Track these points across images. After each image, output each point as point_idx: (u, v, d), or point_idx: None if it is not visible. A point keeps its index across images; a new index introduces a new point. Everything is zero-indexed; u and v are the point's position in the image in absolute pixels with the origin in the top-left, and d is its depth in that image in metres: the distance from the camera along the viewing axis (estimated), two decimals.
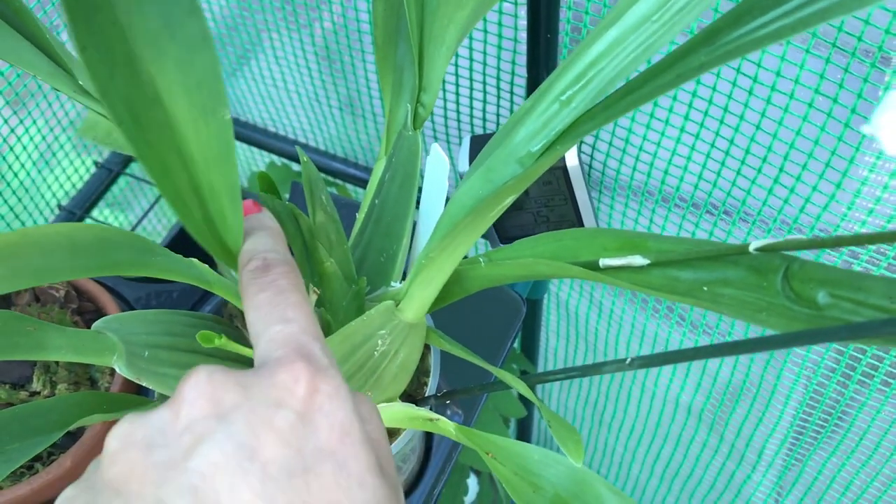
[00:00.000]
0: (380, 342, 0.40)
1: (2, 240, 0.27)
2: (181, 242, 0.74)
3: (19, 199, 0.79)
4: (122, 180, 0.88)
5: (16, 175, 0.78)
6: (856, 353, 0.60)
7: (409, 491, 0.59)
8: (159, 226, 1.03)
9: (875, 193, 0.47)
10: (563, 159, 0.62)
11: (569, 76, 0.34)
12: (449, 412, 0.61)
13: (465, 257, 0.40)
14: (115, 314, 0.41)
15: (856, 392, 0.62)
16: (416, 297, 0.38)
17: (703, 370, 0.76)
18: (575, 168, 0.62)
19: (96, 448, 0.48)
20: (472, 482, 1.05)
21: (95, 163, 0.87)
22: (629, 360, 0.33)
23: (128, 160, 0.87)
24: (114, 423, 0.40)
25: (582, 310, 0.85)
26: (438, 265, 0.37)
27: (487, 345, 0.63)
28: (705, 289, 0.33)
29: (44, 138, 0.80)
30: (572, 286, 0.84)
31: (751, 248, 0.30)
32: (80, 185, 0.86)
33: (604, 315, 0.82)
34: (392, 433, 0.50)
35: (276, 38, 0.80)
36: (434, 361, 0.50)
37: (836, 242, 0.28)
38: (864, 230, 0.52)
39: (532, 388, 0.38)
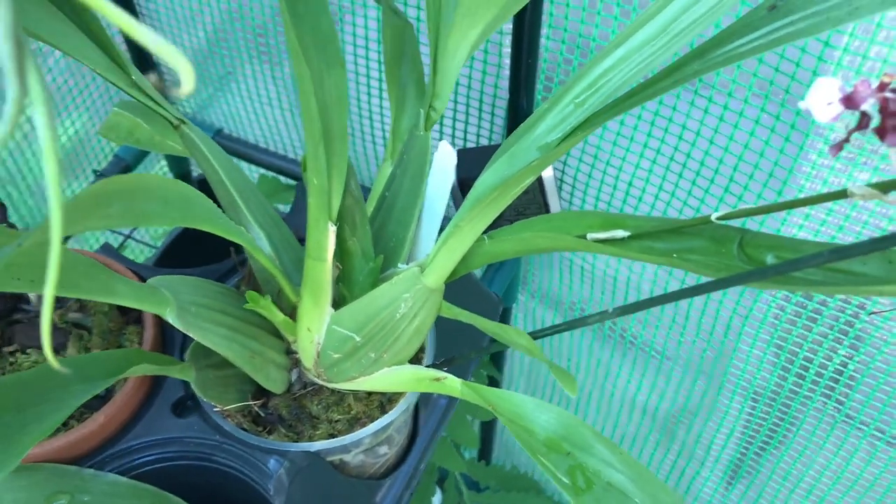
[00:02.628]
0: (403, 305, 0.47)
1: (120, 181, 0.33)
2: (176, 251, 0.79)
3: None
4: None
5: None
6: (808, 354, 0.68)
7: (396, 465, 0.65)
8: (147, 236, 1.08)
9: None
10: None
11: (582, 84, 0.42)
12: (435, 394, 0.68)
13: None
14: (164, 275, 0.47)
15: (806, 397, 0.70)
16: (440, 265, 0.45)
17: (657, 371, 0.84)
18: (549, 179, 0.70)
19: (126, 406, 0.53)
20: (437, 498, 1.10)
21: (94, 171, 0.92)
22: (611, 309, 0.40)
23: (126, 168, 0.92)
24: (149, 379, 0.45)
25: (548, 320, 0.93)
26: (464, 234, 0.44)
27: (468, 337, 0.70)
28: (675, 256, 0.41)
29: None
30: (538, 299, 0.92)
31: (713, 218, 0.38)
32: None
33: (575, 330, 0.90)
34: (393, 399, 0.56)
35: (250, 70, 0.87)
36: (430, 334, 0.56)
37: (778, 207, 0.36)
38: (801, 234, 0.60)
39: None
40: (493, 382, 1.01)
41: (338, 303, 0.51)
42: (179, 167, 1.00)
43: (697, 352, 0.77)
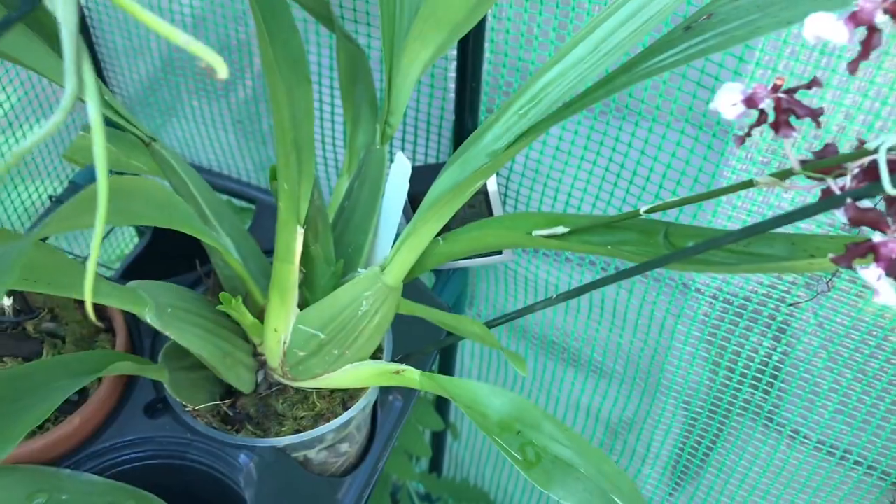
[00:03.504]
0: (364, 303, 0.51)
1: (120, 182, 0.36)
2: (139, 268, 0.82)
3: None
4: None
5: None
6: (736, 348, 0.74)
7: (356, 465, 0.68)
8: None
9: (732, 201, 0.62)
10: (485, 185, 0.75)
11: (525, 97, 0.47)
12: (391, 397, 0.71)
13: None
14: (142, 281, 0.50)
15: (744, 403, 0.76)
16: (398, 264, 0.49)
17: (599, 374, 0.89)
18: (494, 193, 0.75)
19: (101, 409, 0.56)
20: None
21: (51, 197, 0.94)
22: (554, 296, 0.45)
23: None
24: (121, 384, 0.48)
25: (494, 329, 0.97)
26: (421, 234, 0.48)
27: (423, 335, 0.74)
28: (610, 247, 0.46)
29: None
30: (487, 310, 0.96)
31: (641, 211, 0.43)
32: (34, 217, 0.93)
33: (520, 342, 0.95)
34: (354, 396, 0.60)
35: (204, 96, 0.91)
36: (388, 333, 0.60)
37: (695, 199, 0.41)
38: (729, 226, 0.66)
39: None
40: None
41: (301, 306, 0.54)
42: None
43: (635, 352, 0.83)
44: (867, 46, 0.31)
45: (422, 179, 0.66)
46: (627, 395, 0.88)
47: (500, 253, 0.78)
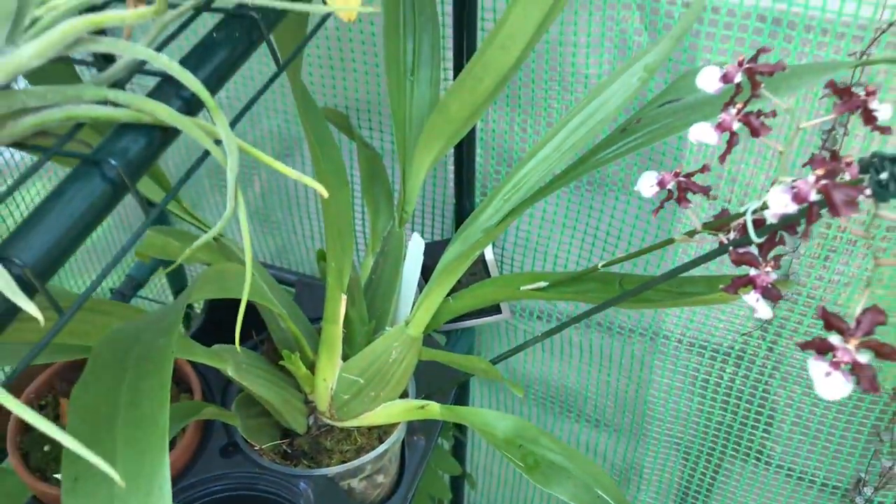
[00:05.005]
0: (394, 352, 0.65)
1: (216, 269, 0.51)
2: (203, 332, 0.96)
3: None
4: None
5: None
6: (704, 376, 0.88)
7: (389, 496, 0.81)
8: None
9: (687, 251, 0.77)
10: (483, 254, 0.89)
11: (508, 186, 0.62)
12: (415, 437, 0.84)
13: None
14: (221, 345, 0.64)
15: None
16: (419, 319, 0.64)
17: (594, 408, 1.02)
18: (491, 260, 0.90)
19: (185, 452, 0.69)
20: None
21: (111, 290, 1.09)
22: (542, 333, 0.59)
23: (139, 285, 1.09)
24: (200, 432, 0.62)
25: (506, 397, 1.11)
26: (435, 295, 0.62)
27: (438, 384, 0.88)
28: (577, 294, 0.60)
29: None
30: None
31: (599, 266, 0.58)
32: None
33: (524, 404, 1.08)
34: (388, 432, 0.73)
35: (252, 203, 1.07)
36: (411, 379, 0.74)
37: (637, 254, 0.55)
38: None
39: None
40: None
41: (343, 358, 0.69)
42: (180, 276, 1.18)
43: (622, 388, 0.96)
44: (730, 144, 0.46)
45: (431, 253, 0.81)
46: (619, 429, 1.01)
47: (499, 312, 0.92)
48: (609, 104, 0.62)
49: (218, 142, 0.35)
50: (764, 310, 0.46)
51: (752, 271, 0.46)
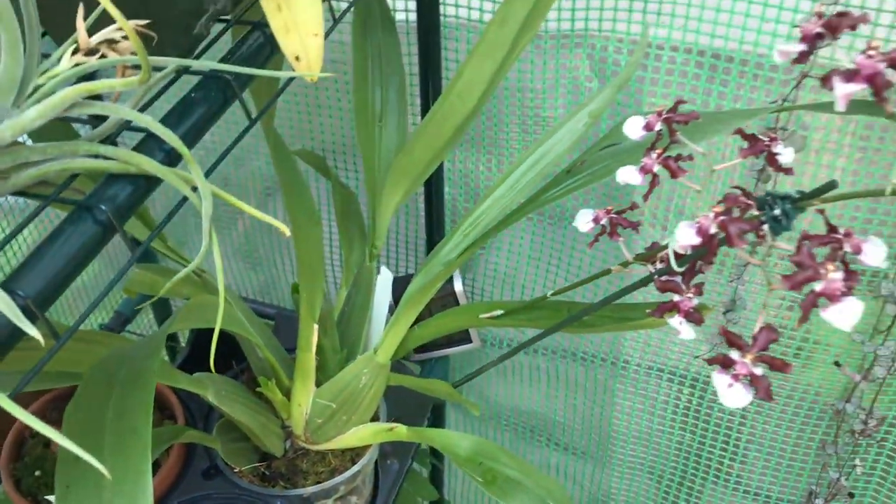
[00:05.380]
0: (363, 378, 0.70)
1: (198, 301, 0.56)
2: (188, 362, 1.01)
3: None
4: None
5: None
6: (663, 398, 0.93)
7: None
8: None
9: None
10: (452, 286, 0.95)
11: (467, 223, 0.67)
12: (389, 461, 0.89)
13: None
14: (202, 372, 0.69)
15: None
16: (386, 346, 0.69)
17: (563, 432, 1.07)
18: (461, 291, 0.95)
19: (169, 475, 0.74)
20: None
21: (101, 325, 1.14)
22: (500, 356, 0.64)
23: (126, 320, 1.14)
24: (183, 456, 0.66)
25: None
26: (401, 324, 0.68)
27: (408, 408, 0.93)
28: (530, 321, 0.65)
29: None
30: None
31: (548, 295, 0.63)
32: None
33: (496, 431, 1.13)
34: (360, 454, 0.78)
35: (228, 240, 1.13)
36: (382, 404, 0.79)
37: (581, 283, 0.61)
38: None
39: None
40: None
41: (317, 384, 0.73)
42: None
43: (588, 411, 1.01)
44: (652, 185, 0.51)
45: (403, 285, 0.86)
46: (586, 449, 1.05)
47: (470, 341, 0.97)
48: (557, 147, 0.68)
49: (195, 188, 0.41)
50: (687, 332, 0.51)
51: (676, 297, 0.52)
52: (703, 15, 0.74)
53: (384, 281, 0.75)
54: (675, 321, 0.51)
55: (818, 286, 0.39)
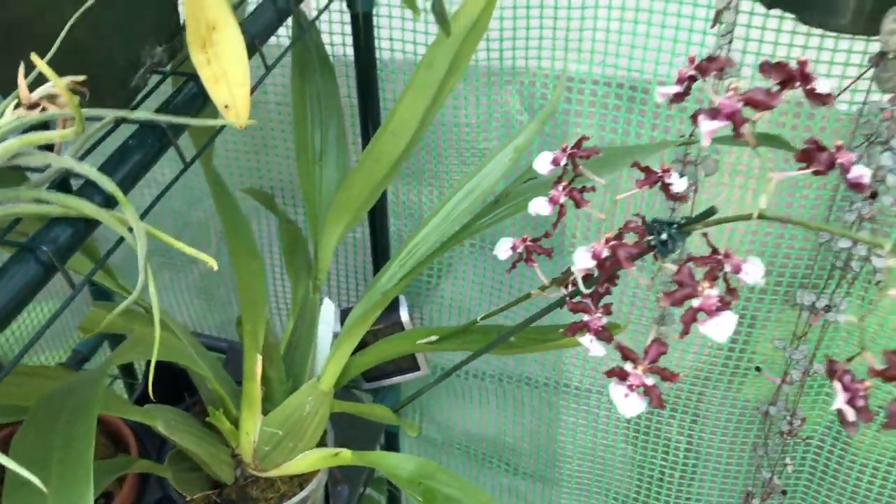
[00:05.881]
0: (308, 406, 0.73)
1: (143, 334, 0.59)
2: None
3: None
4: None
5: None
6: (605, 413, 0.97)
7: None
8: None
9: None
10: (399, 316, 0.99)
11: (404, 252, 0.71)
12: (339, 487, 0.92)
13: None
14: (153, 404, 0.72)
15: None
16: (328, 375, 0.72)
17: (510, 451, 1.10)
18: (407, 321, 0.99)
19: (127, 500, 0.76)
20: None
21: (60, 364, 1.15)
22: (434, 379, 0.68)
23: (84, 359, 1.16)
24: (137, 486, 0.69)
25: (428, 428, 1.19)
26: (341, 353, 0.71)
27: (355, 434, 0.96)
28: (462, 344, 0.69)
29: None
30: (425, 417, 1.18)
31: (478, 319, 0.67)
32: None
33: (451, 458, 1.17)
34: (308, 479, 0.81)
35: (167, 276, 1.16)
36: (330, 430, 0.82)
37: (507, 307, 0.65)
38: None
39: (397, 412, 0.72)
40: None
41: (265, 413, 0.76)
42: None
43: (535, 429, 1.05)
44: (560, 214, 0.56)
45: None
46: (534, 467, 1.09)
47: (418, 369, 1.01)
48: (487, 179, 0.72)
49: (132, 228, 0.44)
50: (597, 349, 0.55)
51: (586, 317, 0.56)
52: (620, 50, 0.79)
53: (327, 312, 0.79)
54: (586, 340, 0.55)
55: (696, 302, 0.43)
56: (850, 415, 0.41)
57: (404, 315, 0.98)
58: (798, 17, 0.60)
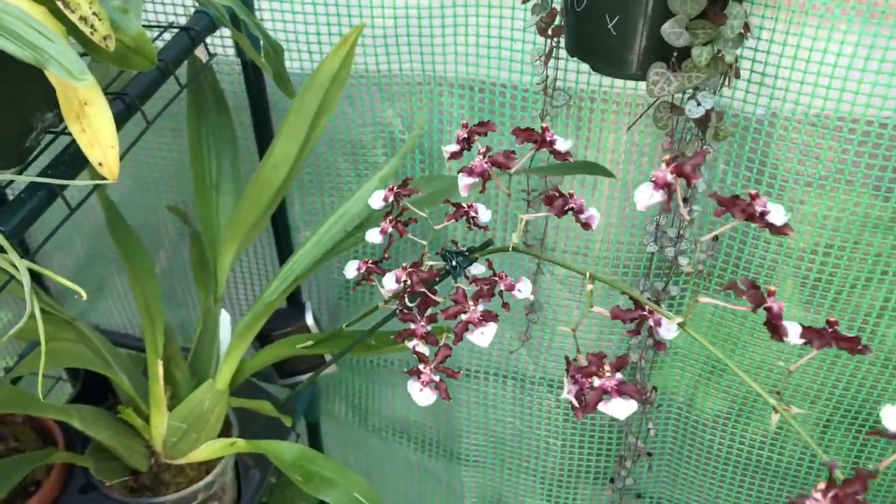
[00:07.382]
0: (206, 402, 0.84)
1: (65, 345, 0.71)
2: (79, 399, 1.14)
3: None
4: None
5: None
6: (564, 418, 1.09)
7: None
8: None
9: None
10: (306, 323, 1.10)
11: (286, 268, 0.83)
12: (251, 472, 1.03)
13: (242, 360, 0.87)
14: (71, 404, 0.83)
15: None
16: (223, 375, 0.84)
17: (479, 465, 1.23)
18: (313, 325, 1.11)
19: (51, 492, 0.88)
20: None
21: (5, 369, 1.26)
22: (333, 356, 0.80)
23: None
24: (63, 475, 0.81)
25: (354, 423, 1.31)
26: (234, 355, 0.83)
27: (258, 425, 1.07)
28: (334, 347, 0.81)
29: None
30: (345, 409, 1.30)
31: (343, 326, 0.79)
32: None
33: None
34: (213, 465, 0.93)
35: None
36: (235, 422, 0.94)
37: (362, 316, 0.77)
38: None
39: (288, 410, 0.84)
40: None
41: (170, 410, 0.88)
42: None
43: (500, 444, 1.18)
44: (389, 242, 0.67)
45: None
46: (504, 486, 1.22)
47: (327, 366, 1.13)
48: (354, 207, 0.84)
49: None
50: (423, 349, 0.68)
51: (413, 325, 0.68)
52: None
53: (225, 321, 0.91)
54: (412, 344, 0.68)
55: (464, 316, 0.56)
56: (576, 403, 0.53)
57: (310, 320, 1.10)
58: (591, 66, 0.72)
